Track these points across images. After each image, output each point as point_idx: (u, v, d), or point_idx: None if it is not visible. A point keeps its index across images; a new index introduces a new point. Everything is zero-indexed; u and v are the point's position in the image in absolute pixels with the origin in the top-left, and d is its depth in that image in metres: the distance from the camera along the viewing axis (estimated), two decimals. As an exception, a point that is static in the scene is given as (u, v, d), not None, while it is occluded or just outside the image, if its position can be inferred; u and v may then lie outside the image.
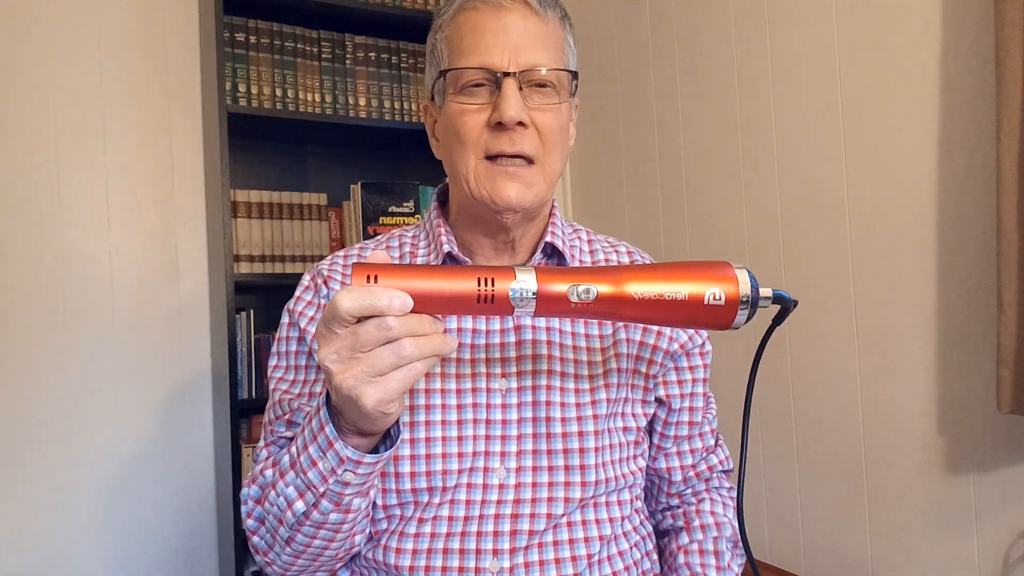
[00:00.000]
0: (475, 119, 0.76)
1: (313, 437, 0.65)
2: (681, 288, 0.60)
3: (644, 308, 0.60)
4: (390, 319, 0.56)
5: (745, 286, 0.60)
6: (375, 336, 0.56)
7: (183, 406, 1.90)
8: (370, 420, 0.60)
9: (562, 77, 0.78)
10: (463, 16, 0.78)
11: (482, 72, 0.75)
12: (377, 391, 0.57)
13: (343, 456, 0.64)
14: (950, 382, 1.24)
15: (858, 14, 1.37)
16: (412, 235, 0.89)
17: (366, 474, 0.66)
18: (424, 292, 0.57)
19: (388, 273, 0.58)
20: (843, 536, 1.42)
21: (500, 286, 0.58)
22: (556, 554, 0.77)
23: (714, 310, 0.60)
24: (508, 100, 0.73)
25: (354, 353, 0.57)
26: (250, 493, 0.77)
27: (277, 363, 0.85)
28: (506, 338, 0.80)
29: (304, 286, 0.86)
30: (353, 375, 0.57)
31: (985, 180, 1.17)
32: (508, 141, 0.75)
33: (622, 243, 0.94)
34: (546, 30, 0.78)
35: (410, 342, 0.57)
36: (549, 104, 0.77)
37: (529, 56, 0.75)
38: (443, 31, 0.80)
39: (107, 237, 1.84)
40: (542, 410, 0.79)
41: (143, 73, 1.88)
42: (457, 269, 0.60)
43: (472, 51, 0.76)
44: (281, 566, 0.76)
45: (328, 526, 0.70)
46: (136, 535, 1.84)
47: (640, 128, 1.93)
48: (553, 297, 0.59)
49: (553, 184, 0.80)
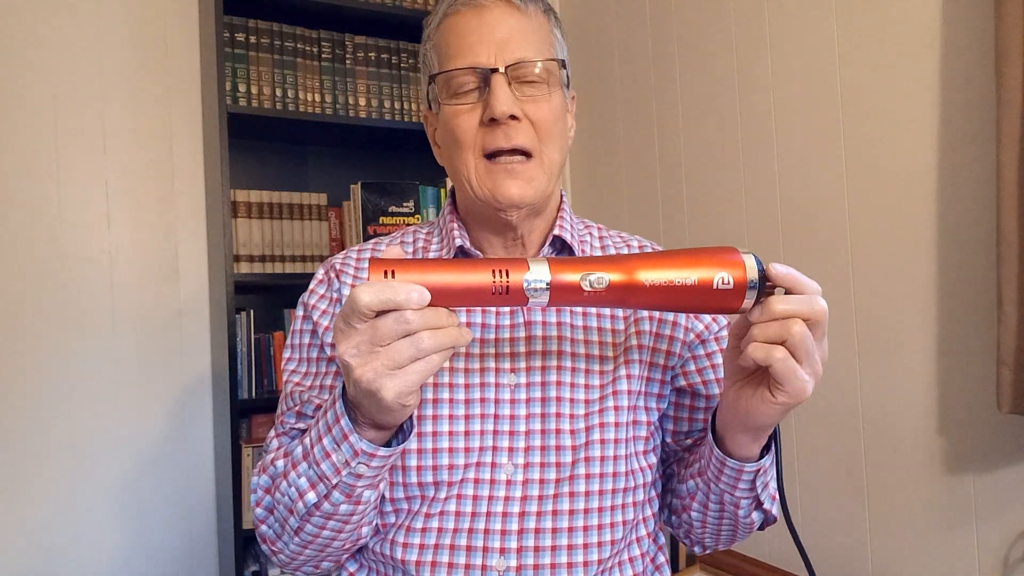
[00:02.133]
0: (469, 119, 0.76)
1: (328, 429, 0.66)
2: (690, 274, 0.61)
3: (655, 295, 0.62)
4: (408, 313, 0.57)
5: (752, 270, 0.61)
6: (394, 330, 0.57)
7: (183, 406, 1.90)
8: (389, 412, 0.61)
9: (551, 67, 0.78)
10: (447, 22, 0.79)
11: (470, 72, 0.76)
12: (397, 383, 0.58)
13: (358, 449, 0.65)
14: (950, 382, 1.24)
15: (858, 14, 1.37)
16: (426, 232, 0.90)
17: (379, 467, 0.67)
18: (440, 285, 0.59)
19: (405, 267, 0.59)
20: (843, 536, 1.42)
21: (514, 277, 0.60)
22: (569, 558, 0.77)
23: (723, 294, 0.61)
24: (497, 95, 0.74)
25: (373, 347, 0.58)
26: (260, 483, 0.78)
27: (291, 355, 0.86)
28: (515, 333, 0.80)
29: (318, 279, 0.87)
30: (373, 368, 0.58)
31: (985, 180, 1.17)
32: (503, 136, 0.75)
33: (634, 237, 0.93)
34: (529, 24, 0.78)
35: (428, 335, 0.58)
36: (540, 95, 0.77)
37: (515, 51, 0.76)
38: (431, 40, 0.82)
39: (107, 237, 1.84)
40: (551, 406, 0.78)
41: (143, 73, 1.88)
42: (471, 262, 0.61)
43: (458, 54, 0.77)
44: (288, 555, 0.77)
45: (338, 517, 0.71)
46: (136, 534, 1.84)
47: (640, 128, 1.93)
48: (566, 286, 0.61)
49: (554, 177, 0.80)
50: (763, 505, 0.78)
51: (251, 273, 1.85)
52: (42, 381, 1.75)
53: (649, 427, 0.83)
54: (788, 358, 0.61)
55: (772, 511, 0.79)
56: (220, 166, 1.70)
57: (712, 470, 0.75)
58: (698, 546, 0.89)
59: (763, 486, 0.76)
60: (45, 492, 1.74)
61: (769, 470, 0.75)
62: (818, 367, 0.63)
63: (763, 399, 0.65)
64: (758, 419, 0.67)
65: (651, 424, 0.83)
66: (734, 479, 0.74)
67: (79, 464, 1.78)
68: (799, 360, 0.61)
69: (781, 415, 0.66)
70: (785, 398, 0.63)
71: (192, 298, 1.93)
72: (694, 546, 0.90)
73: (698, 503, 0.80)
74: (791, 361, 0.61)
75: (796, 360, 0.61)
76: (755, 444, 0.72)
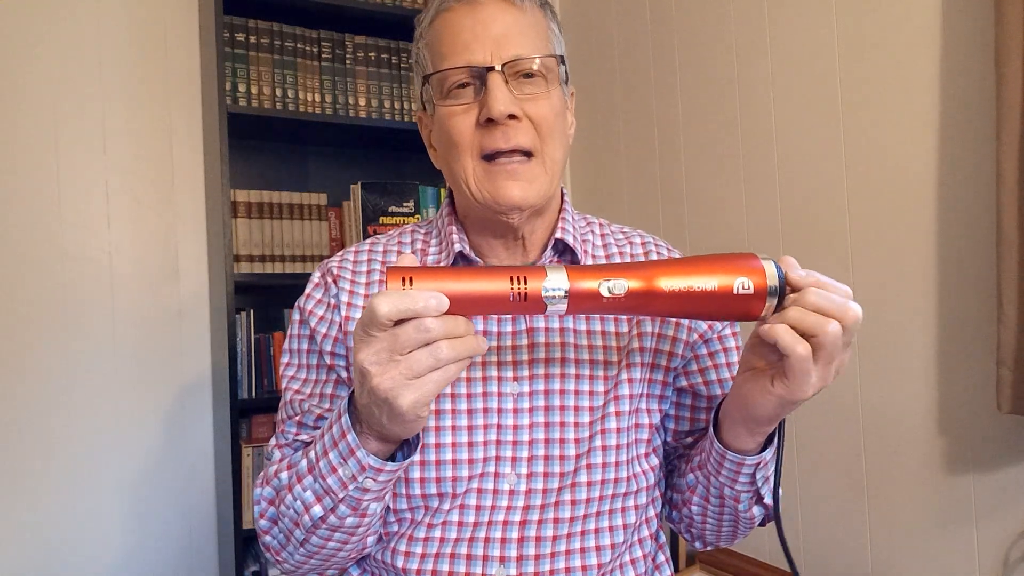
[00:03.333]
0: (465, 120, 0.74)
1: (334, 443, 0.66)
2: (709, 281, 0.61)
3: (674, 302, 0.61)
4: (428, 321, 0.56)
5: (773, 277, 0.61)
6: (414, 338, 0.57)
7: (183, 406, 1.90)
8: (402, 423, 0.60)
9: (549, 64, 0.76)
10: (440, 19, 0.76)
11: (465, 71, 0.73)
12: (414, 393, 0.58)
13: (365, 464, 0.64)
14: (950, 382, 1.24)
15: (858, 14, 1.37)
16: (424, 232, 0.88)
17: (386, 481, 0.67)
18: (458, 293, 0.58)
19: (422, 276, 0.59)
20: (843, 536, 1.42)
21: (532, 285, 0.59)
22: (567, 563, 0.76)
23: (742, 302, 0.61)
24: (495, 94, 0.71)
25: (392, 355, 0.58)
26: (263, 494, 0.77)
27: (289, 360, 0.84)
28: (518, 340, 0.79)
29: (315, 283, 0.84)
30: (391, 377, 0.58)
31: (985, 180, 1.17)
32: (502, 137, 0.72)
33: (636, 232, 0.91)
34: (525, 19, 0.75)
35: (447, 344, 0.57)
36: (539, 92, 0.74)
37: (511, 48, 0.73)
38: (424, 38, 0.79)
39: (107, 237, 1.84)
40: (555, 414, 0.77)
41: (143, 73, 1.88)
42: (488, 269, 0.61)
43: (452, 52, 0.74)
44: (293, 565, 0.76)
45: (344, 529, 0.70)
46: (136, 534, 1.84)
47: (640, 127, 1.93)
48: (585, 294, 0.60)
49: (556, 176, 0.77)
50: (763, 500, 0.76)
51: (251, 273, 1.84)
52: (42, 381, 1.75)
53: (651, 429, 0.82)
54: (808, 358, 0.59)
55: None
56: (220, 166, 1.70)
57: (713, 463, 0.74)
58: (699, 541, 0.87)
59: (764, 480, 0.75)
60: (45, 492, 1.74)
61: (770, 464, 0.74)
62: (830, 377, 0.62)
63: (762, 387, 0.64)
64: (755, 410, 0.66)
65: (653, 426, 0.82)
66: (734, 472, 0.73)
67: (79, 464, 1.78)
68: (819, 359, 0.60)
69: (777, 409, 0.65)
70: (782, 390, 0.62)
71: (192, 298, 1.92)
72: (695, 541, 0.88)
73: (699, 497, 0.79)
74: (809, 362, 0.60)
75: (816, 358, 0.60)
76: (751, 438, 0.70)
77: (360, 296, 0.81)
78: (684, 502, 0.83)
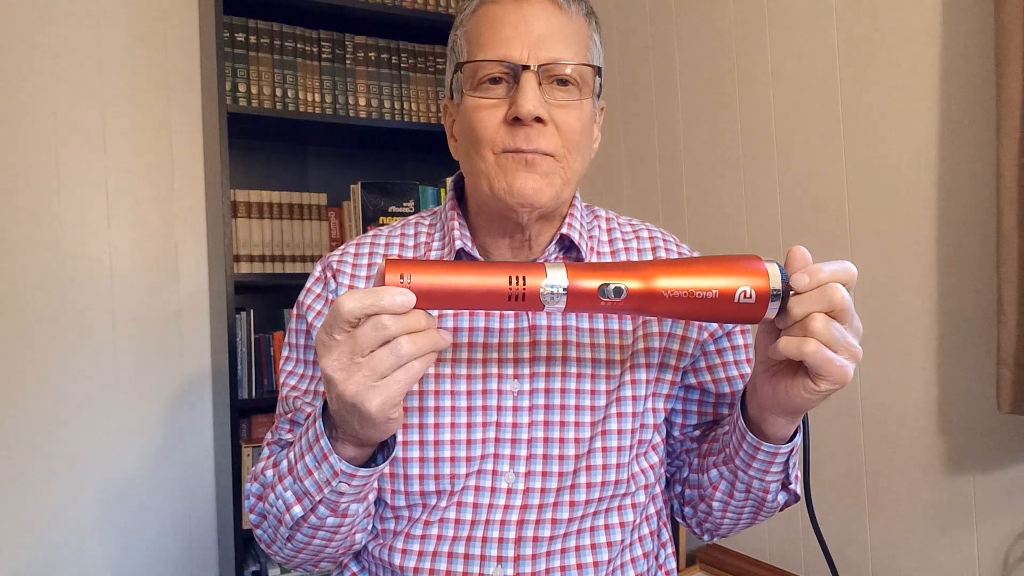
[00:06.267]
0: (491, 115, 0.72)
1: (309, 447, 0.66)
2: (712, 284, 0.60)
3: (675, 304, 0.61)
4: (385, 318, 0.56)
5: (776, 280, 0.60)
6: (372, 337, 0.56)
7: (183, 406, 1.91)
8: (374, 427, 0.60)
9: (585, 73, 0.74)
10: (483, 9, 0.75)
11: (500, 65, 0.72)
12: (380, 395, 0.57)
13: (337, 469, 0.64)
14: (950, 382, 1.24)
15: (858, 14, 1.37)
16: (428, 224, 0.86)
17: (360, 486, 0.66)
18: (455, 289, 0.58)
19: (420, 270, 0.58)
20: (843, 536, 1.42)
21: (531, 283, 0.58)
22: (563, 562, 0.76)
23: (744, 305, 0.60)
24: (526, 94, 0.70)
25: (354, 358, 0.57)
26: (252, 490, 0.78)
27: (288, 355, 0.84)
28: (520, 338, 0.78)
29: (315, 277, 0.84)
30: (356, 382, 0.57)
31: (985, 180, 1.17)
32: (524, 138, 0.71)
33: (645, 226, 0.89)
34: (569, 24, 0.74)
35: (406, 340, 0.56)
36: (571, 101, 0.73)
37: (550, 50, 0.72)
38: (463, 26, 0.77)
39: (107, 237, 1.84)
40: (556, 414, 0.76)
41: (143, 73, 1.88)
42: (488, 265, 0.60)
43: (490, 44, 0.73)
44: (284, 558, 0.77)
45: (326, 528, 0.70)
46: (136, 535, 1.84)
47: (640, 127, 1.93)
48: (584, 293, 0.59)
49: (571, 184, 0.76)
50: (790, 485, 0.76)
51: (251, 273, 1.85)
52: (42, 381, 1.75)
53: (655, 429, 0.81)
54: (820, 349, 0.59)
55: (796, 490, 0.79)
56: (220, 166, 1.70)
57: (743, 456, 0.73)
58: (708, 534, 0.86)
59: (793, 466, 0.74)
60: (45, 491, 1.74)
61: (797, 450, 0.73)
62: (856, 348, 0.60)
63: (806, 388, 0.62)
64: (801, 404, 0.65)
65: (657, 426, 0.81)
66: (767, 463, 0.72)
67: (79, 464, 1.78)
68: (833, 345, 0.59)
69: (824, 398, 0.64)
70: (828, 385, 0.61)
71: (192, 298, 1.93)
72: (704, 534, 0.87)
73: (722, 492, 0.78)
74: (823, 351, 0.59)
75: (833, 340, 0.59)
76: (791, 425, 0.70)
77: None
78: (703, 497, 0.81)
